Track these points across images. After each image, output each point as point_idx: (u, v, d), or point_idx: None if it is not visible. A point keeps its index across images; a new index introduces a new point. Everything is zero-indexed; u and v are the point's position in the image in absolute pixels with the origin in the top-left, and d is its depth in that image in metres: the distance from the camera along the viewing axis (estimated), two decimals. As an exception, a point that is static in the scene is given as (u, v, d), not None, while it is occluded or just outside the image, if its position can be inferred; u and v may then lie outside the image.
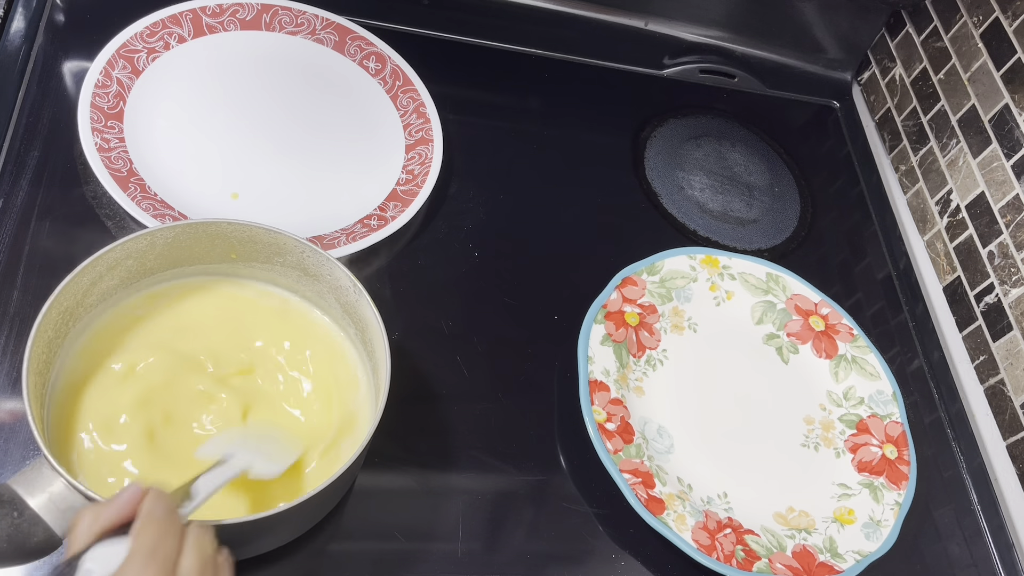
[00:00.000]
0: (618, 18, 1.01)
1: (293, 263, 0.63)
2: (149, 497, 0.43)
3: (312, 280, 0.63)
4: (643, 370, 0.78)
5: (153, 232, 0.59)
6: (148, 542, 0.41)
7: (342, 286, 0.61)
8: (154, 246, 0.60)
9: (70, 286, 0.55)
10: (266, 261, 0.63)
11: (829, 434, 0.79)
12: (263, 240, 0.62)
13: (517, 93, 0.96)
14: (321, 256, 0.61)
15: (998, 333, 0.87)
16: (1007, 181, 0.88)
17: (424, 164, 0.81)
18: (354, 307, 0.61)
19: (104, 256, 0.57)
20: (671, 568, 0.69)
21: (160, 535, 0.42)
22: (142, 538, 0.42)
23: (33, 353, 0.52)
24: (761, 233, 0.93)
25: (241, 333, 0.63)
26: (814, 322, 0.83)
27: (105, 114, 0.75)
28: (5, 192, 0.70)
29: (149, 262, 0.61)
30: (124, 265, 0.59)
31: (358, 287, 0.60)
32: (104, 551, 0.41)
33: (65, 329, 0.57)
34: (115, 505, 0.43)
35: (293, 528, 0.60)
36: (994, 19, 0.91)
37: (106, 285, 0.59)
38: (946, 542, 0.78)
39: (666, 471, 0.72)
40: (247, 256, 0.63)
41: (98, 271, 0.57)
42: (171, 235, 0.60)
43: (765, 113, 1.05)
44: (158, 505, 0.43)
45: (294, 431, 0.60)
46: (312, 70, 0.86)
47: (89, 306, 0.59)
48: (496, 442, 0.71)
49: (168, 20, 0.82)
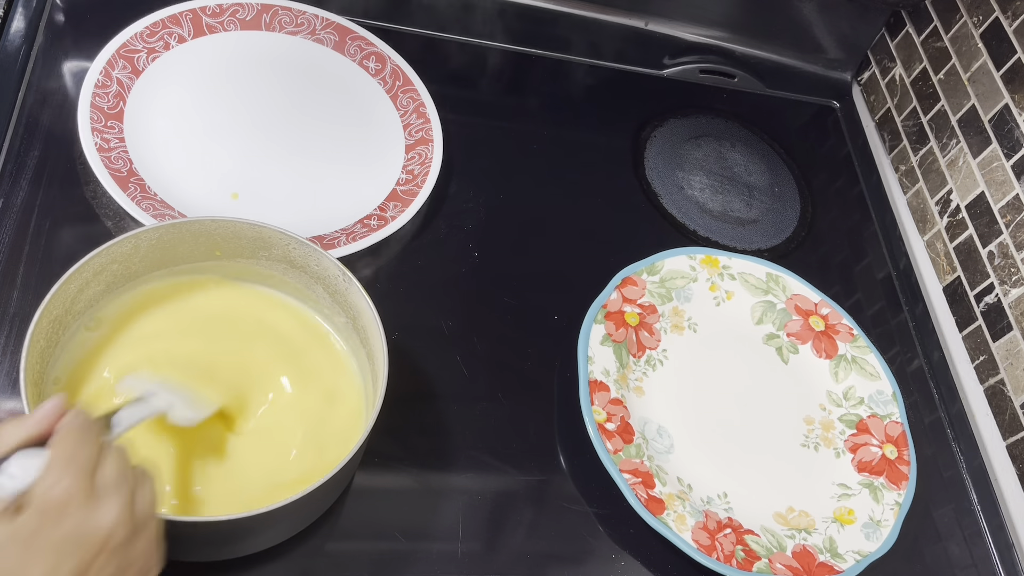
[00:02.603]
0: (618, 18, 1.01)
1: (279, 256, 0.63)
2: (69, 412, 0.45)
3: (299, 272, 0.63)
4: (643, 370, 0.78)
5: (137, 234, 0.59)
6: (67, 449, 0.43)
7: (330, 275, 0.61)
8: (139, 249, 0.60)
9: (58, 295, 0.55)
10: (251, 256, 0.63)
11: (829, 434, 0.79)
12: (247, 235, 0.62)
13: (517, 93, 0.96)
14: (308, 247, 0.61)
15: (998, 333, 0.87)
16: (1007, 181, 0.88)
17: (424, 164, 0.81)
18: (344, 295, 0.61)
19: (89, 263, 0.57)
20: (671, 568, 0.69)
21: (78, 442, 0.43)
22: (61, 446, 0.43)
23: (28, 364, 0.52)
24: (761, 233, 0.93)
25: (232, 332, 0.63)
26: (814, 322, 0.83)
27: (105, 114, 0.75)
28: (5, 192, 0.70)
29: (135, 265, 0.61)
30: (110, 270, 0.59)
31: (347, 275, 0.60)
32: (24, 460, 0.42)
33: (56, 338, 0.57)
34: (35, 417, 0.44)
35: (289, 526, 0.60)
36: (994, 19, 0.91)
37: (93, 291, 0.59)
38: (946, 542, 0.78)
39: (666, 471, 0.72)
40: (232, 253, 0.63)
41: (84, 278, 0.57)
42: (155, 236, 0.60)
43: (765, 113, 1.05)
44: (77, 418, 0.45)
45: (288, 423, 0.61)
46: (312, 70, 0.86)
47: (77, 313, 0.59)
48: (496, 442, 0.71)
49: (168, 20, 0.82)
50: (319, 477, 0.53)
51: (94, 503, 0.42)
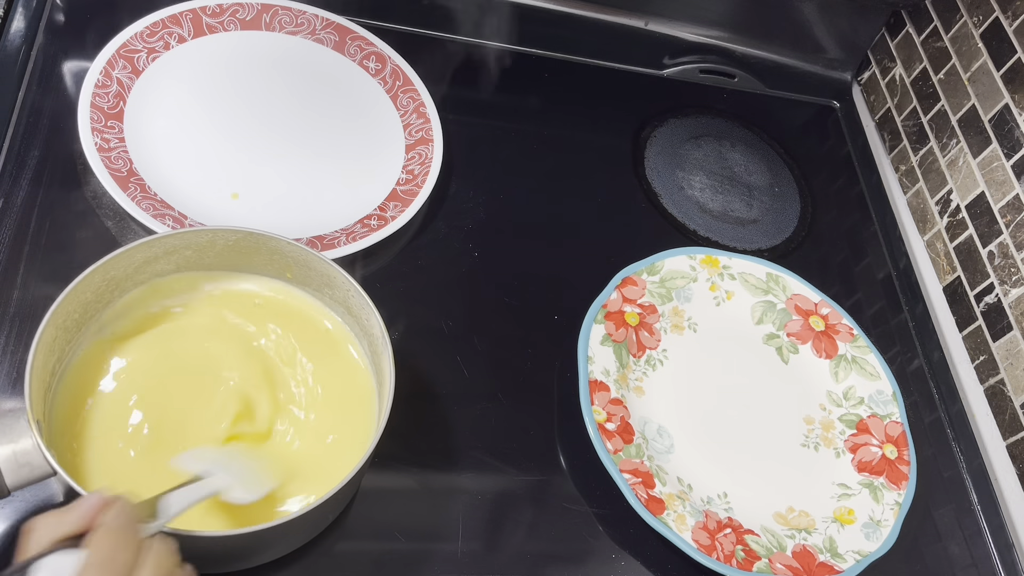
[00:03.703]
0: (618, 18, 1.01)
1: (340, 298, 0.64)
2: (110, 508, 0.42)
3: (353, 320, 0.64)
4: (643, 370, 0.78)
5: (215, 231, 0.61)
6: (103, 552, 0.40)
7: (375, 333, 0.61)
8: (215, 244, 0.62)
9: (121, 257, 0.57)
10: (317, 290, 0.65)
11: (829, 434, 0.79)
12: (317, 268, 0.63)
13: (517, 93, 0.96)
14: (363, 299, 0.61)
15: (998, 333, 0.87)
16: (1007, 181, 0.88)
17: (424, 164, 0.81)
18: (378, 356, 0.61)
19: (164, 239, 0.59)
20: (671, 568, 0.69)
21: (116, 546, 0.41)
22: (97, 548, 0.40)
23: (61, 307, 0.53)
24: (761, 233, 0.93)
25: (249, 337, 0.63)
26: (814, 322, 0.83)
27: (105, 114, 0.75)
28: (5, 192, 0.70)
29: (208, 258, 0.63)
30: (183, 254, 0.61)
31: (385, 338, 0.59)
32: (57, 560, 0.39)
33: (107, 297, 0.58)
34: (74, 514, 0.42)
35: (300, 537, 0.60)
36: (994, 19, 0.91)
37: (161, 267, 0.61)
38: (946, 542, 0.78)
39: (666, 471, 0.72)
40: (301, 280, 0.65)
41: (155, 252, 0.59)
42: (232, 238, 0.61)
43: (765, 113, 1.05)
44: (118, 516, 0.42)
45: (280, 455, 0.60)
46: (312, 70, 0.86)
47: (138, 281, 0.61)
48: (496, 442, 0.71)
49: (168, 20, 0.82)
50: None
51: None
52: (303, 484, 0.59)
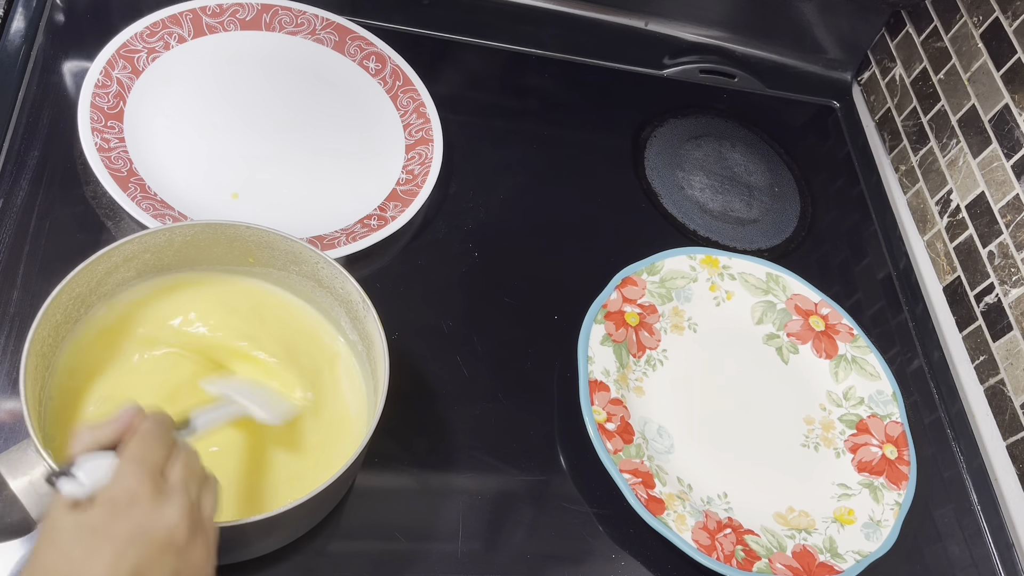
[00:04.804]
0: (618, 18, 1.01)
1: (308, 272, 0.63)
2: (145, 416, 0.46)
3: (325, 292, 0.64)
4: (643, 370, 0.78)
5: (172, 228, 0.60)
6: (137, 450, 0.44)
7: (352, 300, 0.62)
8: (172, 243, 0.61)
9: (84, 273, 0.56)
10: (282, 268, 0.64)
11: (829, 434, 0.79)
12: (280, 247, 0.62)
13: (517, 93, 0.96)
14: (335, 269, 0.61)
15: (998, 333, 0.87)
16: (1007, 181, 0.88)
17: (424, 164, 0.81)
18: (362, 323, 0.62)
19: (121, 247, 0.58)
20: (671, 568, 0.69)
21: (151, 444, 0.44)
22: (131, 447, 0.44)
23: (37, 334, 0.52)
24: (761, 233, 0.93)
25: (240, 328, 0.63)
26: (814, 322, 0.83)
27: (105, 114, 0.75)
28: (5, 192, 0.70)
29: (167, 258, 0.62)
30: (141, 258, 0.60)
31: (366, 302, 0.60)
32: (95, 463, 0.43)
33: (75, 315, 0.58)
34: (113, 423, 0.45)
35: (293, 530, 0.60)
36: (994, 19, 0.91)
37: (121, 276, 0.60)
38: (946, 542, 0.78)
39: (666, 471, 0.72)
40: (264, 262, 0.64)
41: (114, 261, 0.58)
42: (190, 233, 0.61)
43: (765, 113, 1.05)
44: (151, 421, 0.46)
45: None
46: (312, 70, 0.86)
47: (103, 295, 0.60)
48: (496, 442, 0.71)
49: (168, 20, 0.82)
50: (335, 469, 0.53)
51: (160, 501, 0.43)
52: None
